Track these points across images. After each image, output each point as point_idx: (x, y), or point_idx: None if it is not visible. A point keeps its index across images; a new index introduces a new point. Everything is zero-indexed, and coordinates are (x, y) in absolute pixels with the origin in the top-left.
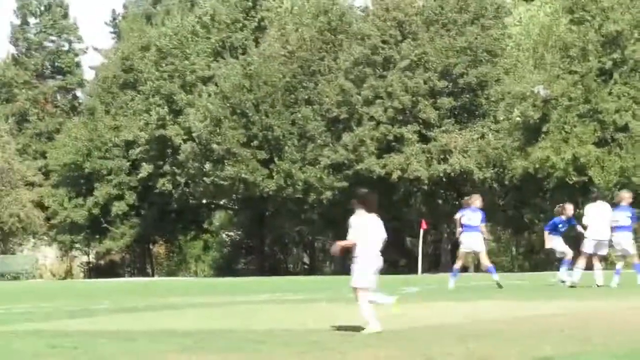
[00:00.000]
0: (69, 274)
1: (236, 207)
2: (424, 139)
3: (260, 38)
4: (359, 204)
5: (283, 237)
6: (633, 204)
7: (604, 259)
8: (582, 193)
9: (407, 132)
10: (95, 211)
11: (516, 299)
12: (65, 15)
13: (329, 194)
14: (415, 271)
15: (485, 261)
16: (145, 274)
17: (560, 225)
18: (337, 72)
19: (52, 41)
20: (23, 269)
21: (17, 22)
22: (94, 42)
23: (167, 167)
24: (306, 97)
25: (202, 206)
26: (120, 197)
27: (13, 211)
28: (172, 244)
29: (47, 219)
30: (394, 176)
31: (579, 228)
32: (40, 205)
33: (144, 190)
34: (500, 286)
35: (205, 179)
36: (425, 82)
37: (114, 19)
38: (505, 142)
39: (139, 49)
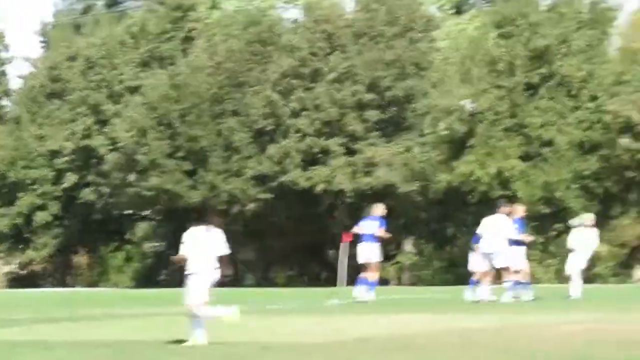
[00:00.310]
0: None
1: (160, 218)
2: (349, 151)
3: (188, 49)
4: (197, 219)
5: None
6: (556, 218)
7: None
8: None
9: (333, 144)
10: (18, 221)
11: (437, 312)
12: None
13: (252, 205)
14: (335, 284)
15: (371, 273)
16: (66, 285)
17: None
18: (265, 83)
19: None
20: None
21: None
22: (22, 51)
23: (91, 177)
24: (233, 108)
25: (125, 217)
26: (43, 207)
27: None
28: (94, 255)
29: None
30: (319, 188)
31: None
32: None
33: (67, 200)
34: (364, 302)
35: (129, 189)
36: (352, 95)
37: (44, 28)
38: (430, 155)
39: (67, 59)
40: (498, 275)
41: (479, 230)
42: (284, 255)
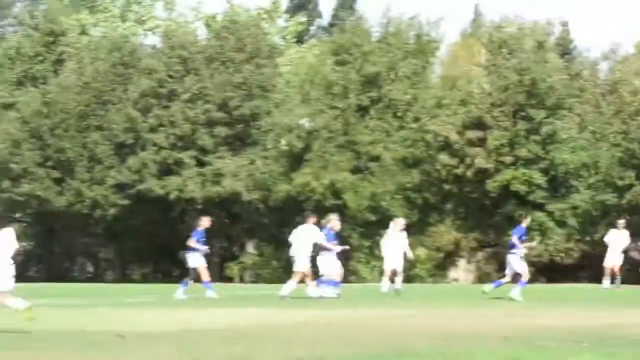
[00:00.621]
0: None
1: (30, 220)
2: (200, 163)
3: (59, 70)
4: None
5: (70, 248)
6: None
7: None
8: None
9: (186, 157)
10: None
11: (276, 306)
12: None
13: (113, 210)
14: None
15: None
16: None
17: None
18: (126, 102)
19: None
20: None
21: None
22: None
23: None
24: (97, 123)
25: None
26: None
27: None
28: None
29: None
30: (172, 196)
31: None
32: None
33: None
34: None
35: (3, 194)
36: (204, 113)
37: None
38: (272, 167)
39: None
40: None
41: (290, 238)
42: (140, 254)
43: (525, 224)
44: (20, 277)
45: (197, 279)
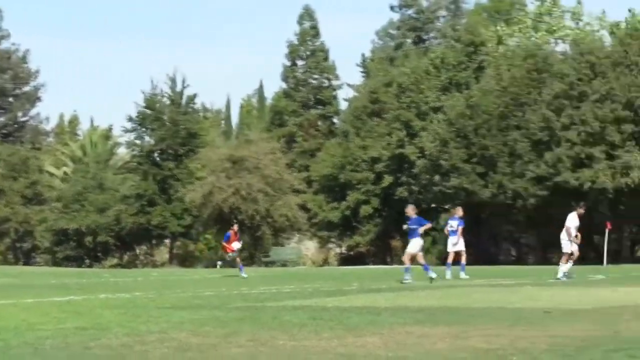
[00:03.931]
0: (325, 262)
1: None
2: (610, 157)
3: (480, 76)
4: None
5: (495, 234)
6: None
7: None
8: None
9: (596, 151)
10: (347, 213)
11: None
12: (325, 59)
13: (532, 200)
14: (601, 263)
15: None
16: (386, 263)
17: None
18: (541, 103)
19: (315, 79)
20: (290, 258)
21: (288, 63)
22: (348, 79)
23: (404, 179)
24: (516, 123)
25: (431, 209)
26: (367, 202)
27: (283, 212)
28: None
29: (309, 218)
30: (585, 187)
31: None
32: (304, 208)
33: (385, 196)
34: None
35: (434, 187)
36: (611, 112)
37: (364, 61)
38: None
39: (384, 85)
40: None
41: None
42: (559, 240)
43: None
44: (453, 260)
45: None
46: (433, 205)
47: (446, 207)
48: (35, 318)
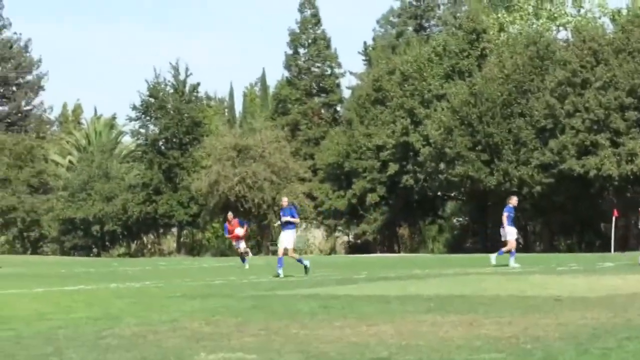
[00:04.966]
0: (333, 250)
1: (464, 198)
2: (614, 144)
3: (483, 64)
4: None
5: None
6: None
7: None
8: None
9: (601, 138)
10: (353, 201)
11: None
12: (327, 47)
13: (538, 188)
14: (608, 250)
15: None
16: (393, 251)
17: None
18: (544, 91)
19: (318, 67)
20: (297, 246)
21: (290, 51)
22: (350, 67)
23: (409, 167)
24: (519, 110)
25: (437, 197)
26: (372, 190)
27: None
28: (413, 227)
29: (316, 206)
30: (591, 174)
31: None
32: (310, 196)
33: (391, 184)
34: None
35: (440, 176)
36: (615, 99)
37: (365, 49)
38: None
39: (386, 73)
40: None
41: None
42: (565, 227)
43: None
44: (459, 248)
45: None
46: (439, 193)
47: (451, 194)
48: (46, 308)
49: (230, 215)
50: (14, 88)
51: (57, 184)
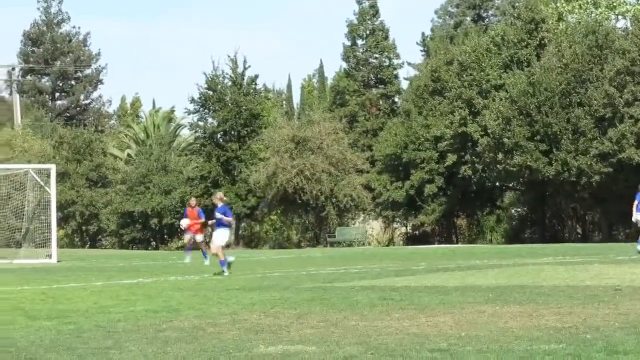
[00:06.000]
0: (391, 242)
1: (522, 188)
2: None
3: (541, 53)
4: None
5: (560, 212)
6: None
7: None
8: None
9: None
10: (411, 192)
11: None
12: (385, 38)
13: (597, 177)
14: None
15: None
16: (451, 242)
17: None
18: (603, 80)
19: (376, 58)
20: (355, 238)
21: (348, 43)
22: (408, 58)
23: (467, 157)
24: (578, 100)
25: (495, 188)
26: (431, 181)
27: (347, 192)
28: (472, 218)
29: (374, 198)
30: None
31: None
32: (368, 188)
33: (449, 175)
34: None
35: (498, 166)
36: None
37: (424, 40)
38: None
39: (445, 63)
40: None
41: None
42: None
43: None
44: (517, 239)
45: None
46: (497, 183)
47: (510, 185)
48: (105, 301)
49: (193, 200)
50: (73, 82)
51: (115, 177)
